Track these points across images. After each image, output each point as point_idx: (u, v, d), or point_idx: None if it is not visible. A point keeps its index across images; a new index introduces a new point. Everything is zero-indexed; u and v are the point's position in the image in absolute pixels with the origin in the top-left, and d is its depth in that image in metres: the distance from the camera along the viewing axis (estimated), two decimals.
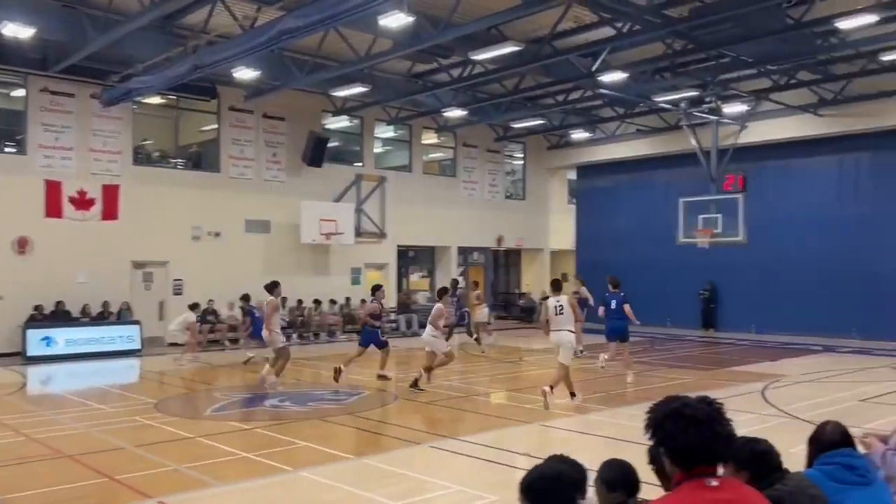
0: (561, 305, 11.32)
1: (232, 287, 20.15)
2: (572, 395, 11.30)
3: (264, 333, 13.32)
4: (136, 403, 11.71)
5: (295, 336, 21.09)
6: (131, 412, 10.92)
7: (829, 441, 3.77)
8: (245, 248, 21.07)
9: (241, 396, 12.37)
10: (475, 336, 18.88)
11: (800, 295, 22.15)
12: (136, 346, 18.39)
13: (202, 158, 21.32)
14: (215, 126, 21.17)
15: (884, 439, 4.38)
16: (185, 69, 15.12)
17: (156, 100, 19.96)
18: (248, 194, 21.31)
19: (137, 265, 19.71)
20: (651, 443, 2.60)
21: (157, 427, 9.87)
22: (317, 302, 22.03)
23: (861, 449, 4.07)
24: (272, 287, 13.37)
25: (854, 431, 4.93)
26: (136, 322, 18.77)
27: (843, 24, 14.52)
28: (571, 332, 11.32)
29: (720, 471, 2.58)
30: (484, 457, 8.19)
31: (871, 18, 14.05)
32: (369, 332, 13.93)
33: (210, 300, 19.73)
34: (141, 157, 20.09)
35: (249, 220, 21.29)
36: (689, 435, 2.46)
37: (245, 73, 17.02)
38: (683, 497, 2.47)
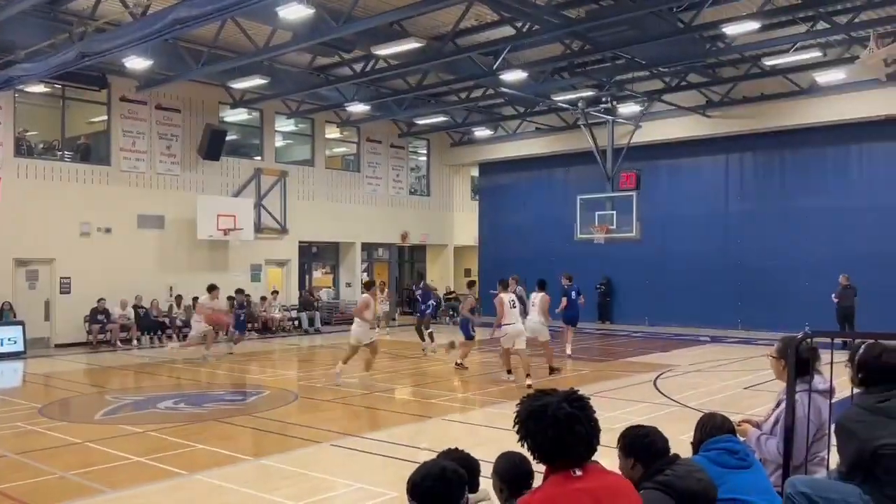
0: (513, 300, 13.06)
1: (124, 285, 19.41)
2: (521, 375, 12.62)
3: (354, 327, 13.19)
4: (18, 408, 11.09)
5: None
6: (13, 418, 10.32)
7: (712, 429, 3.96)
8: (138, 245, 20.24)
9: (134, 399, 11.90)
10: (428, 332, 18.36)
11: (689, 288, 23.20)
12: (20, 348, 17.37)
13: (91, 151, 20.32)
14: (105, 117, 20.22)
15: (757, 425, 4.64)
16: (70, 57, 14.36)
17: (40, 88, 18.86)
18: (140, 188, 20.48)
19: (20, 263, 18.60)
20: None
21: (41, 433, 9.37)
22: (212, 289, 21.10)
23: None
24: (370, 285, 14.53)
25: (735, 418, 5.21)
26: (20, 323, 17.73)
27: (729, 30, 15.28)
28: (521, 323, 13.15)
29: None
30: (386, 453, 8.20)
31: (754, 25, 14.85)
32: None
33: (100, 299, 18.84)
34: (23, 148, 18.96)
35: (142, 215, 20.44)
36: (549, 435, 2.54)
37: (137, 63, 16.30)
38: (549, 490, 2.55)
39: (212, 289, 16.96)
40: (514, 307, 13.04)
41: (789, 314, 21.28)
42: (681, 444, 8.64)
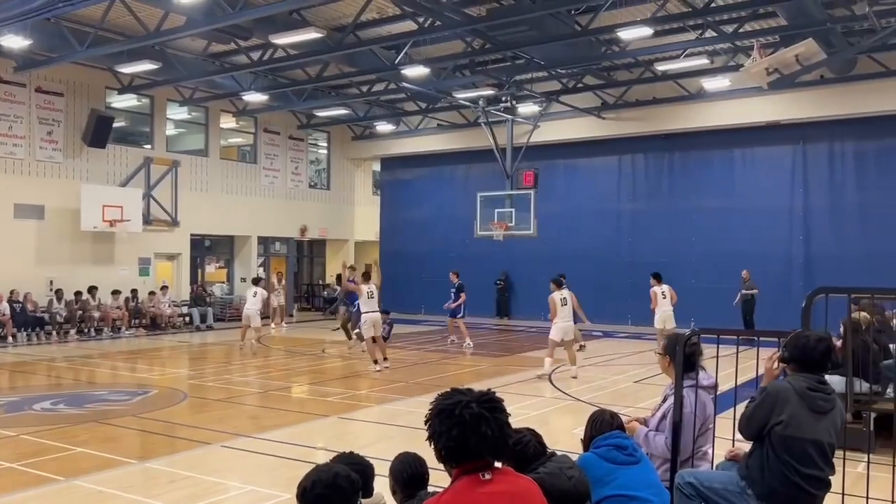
0: (564, 298, 13.63)
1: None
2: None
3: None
4: None
5: (73, 332, 19.38)
6: None
7: (601, 425, 4.03)
8: (15, 236, 18.98)
9: (7, 400, 11.12)
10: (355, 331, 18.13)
11: (583, 284, 23.61)
12: None
13: None
14: None
15: (644, 421, 4.76)
16: None
17: None
18: (17, 176, 19.21)
19: None
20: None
21: None
22: (92, 290, 20.11)
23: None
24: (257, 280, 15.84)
25: (625, 412, 5.34)
26: None
27: (624, 34, 15.79)
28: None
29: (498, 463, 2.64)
30: (280, 454, 7.98)
31: (647, 31, 15.37)
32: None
33: None
34: None
35: (19, 204, 19.18)
36: (455, 435, 2.50)
37: (14, 42, 15.28)
38: (458, 492, 2.51)
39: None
40: (566, 304, 13.58)
41: (676, 310, 22.28)
42: (574, 437, 8.86)
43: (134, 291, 21.18)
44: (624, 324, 22.83)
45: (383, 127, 26.98)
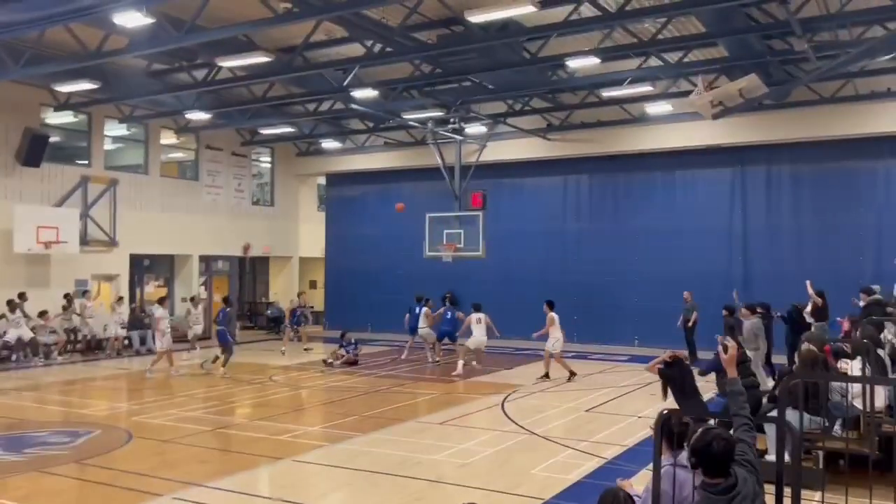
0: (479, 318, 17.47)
1: None
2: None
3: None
4: None
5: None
6: None
7: None
8: None
9: None
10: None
11: (530, 303, 23.83)
12: None
13: None
14: None
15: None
16: None
17: None
18: None
19: None
20: None
21: None
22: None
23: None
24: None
25: (581, 447, 5.32)
26: None
27: (572, 63, 16.01)
28: None
29: None
30: None
31: (595, 61, 15.63)
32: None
33: None
34: None
35: None
36: None
37: None
38: None
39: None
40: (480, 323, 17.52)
41: (620, 328, 22.68)
42: (533, 478, 8.90)
43: (68, 298, 20.24)
44: (569, 341, 23.00)
45: (329, 144, 26.71)
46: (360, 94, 18.29)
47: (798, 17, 13.26)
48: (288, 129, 24.74)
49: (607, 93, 19.18)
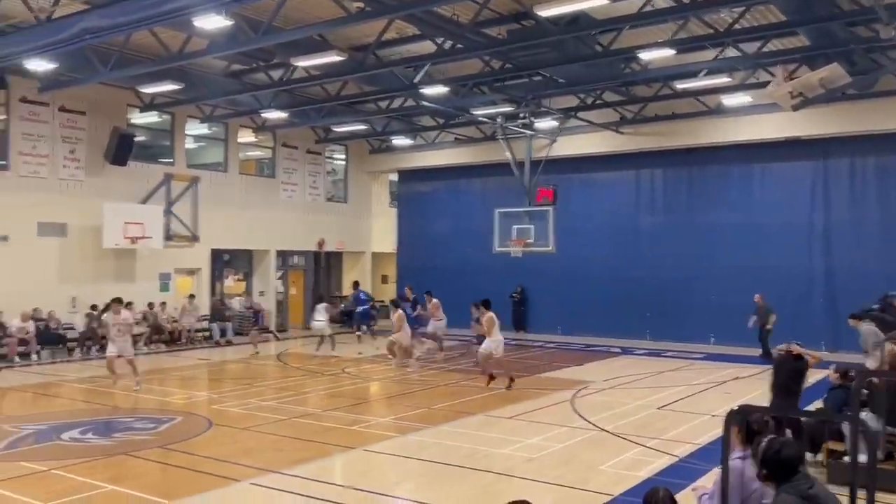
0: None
1: (22, 297, 18.33)
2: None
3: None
4: None
5: (95, 348, 19.52)
6: None
7: None
8: (38, 254, 19.17)
9: (36, 428, 11.23)
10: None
11: (600, 299, 23.79)
12: None
13: None
14: (3, 117, 19.04)
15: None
16: None
17: None
18: (41, 194, 19.38)
19: None
20: None
21: None
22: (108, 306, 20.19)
23: None
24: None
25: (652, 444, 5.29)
26: None
27: (645, 55, 15.79)
28: None
29: None
30: (308, 492, 8.01)
31: (670, 52, 15.34)
32: None
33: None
34: None
35: (43, 222, 19.37)
36: None
37: (39, 65, 15.41)
38: None
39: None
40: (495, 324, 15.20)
41: (694, 326, 22.21)
42: (601, 474, 8.87)
43: (150, 304, 21.22)
44: (642, 339, 22.75)
45: (400, 141, 27.04)
46: (430, 90, 18.47)
47: (885, 2, 12.70)
48: (360, 127, 25.17)
49: (682, 84, 18.78)
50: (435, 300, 19.69)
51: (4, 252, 18.55)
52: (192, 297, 22.36)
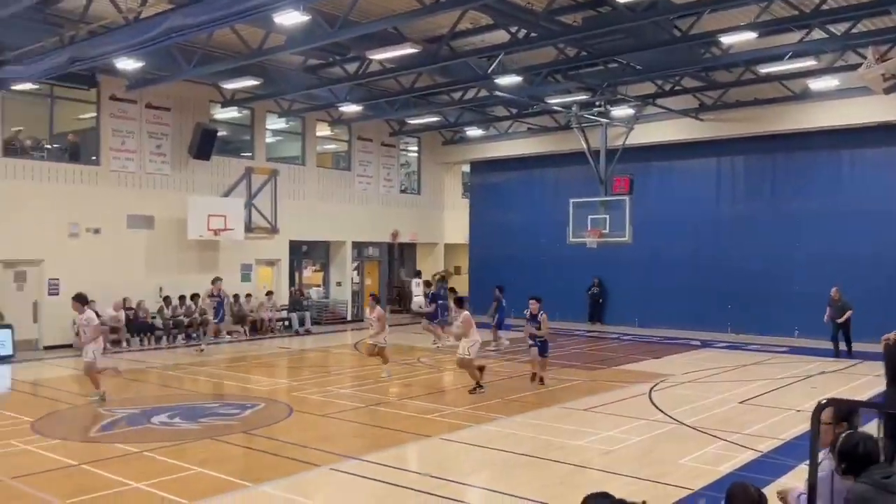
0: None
1: (112, 286, 19.20)
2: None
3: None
4: (10, 423, 10.92)
5: (181, 337, 20.31)
6: (5, 434, 10.17)
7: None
8: (127, 245, 20.04)
9: (127, 412, 11.77)
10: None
11: (679, 291, 23.30)
12: (8, 351, 17.19)
13: (80, 150, 20.03)
14: (94, 115, 19.95)
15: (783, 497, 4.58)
16: (62, 60, 14.13)
17: (28, 86, 18.48)
18: (130, 188, 20.25)
19: (8, 264, 18.39)
20: None
21: (35, 453, 9.24)
22: (195, 296, 21.00)
23: None
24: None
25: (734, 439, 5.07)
26: (8, 326, 17.53)
27: (727, 39, 15.30)
28: None
29: None
30: (386, 479, 8.14)
31: (752, 35, 14.83)
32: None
33: (90, 301, 18.58)
34: (12, 148, 18.63)
35: (132, 215, 20.23)
36: None
37: (128, 64, 16.06)
38: None
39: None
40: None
41: (778, 318, 21.51)
42: (680, 468, 8.69)
43: (236, 297, 21.97)
44: (723, 331, 22.17)
45: (473, 131, 27.05)
46: (504, 80, 18.39)
47: None
48: (434, 119, 25.31)
49: (765, 69, 18.17)
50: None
51: (97, 244, 19.46)
52: (269, 293, 22.94)
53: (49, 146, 19.66)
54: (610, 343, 21.29)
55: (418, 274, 20.45)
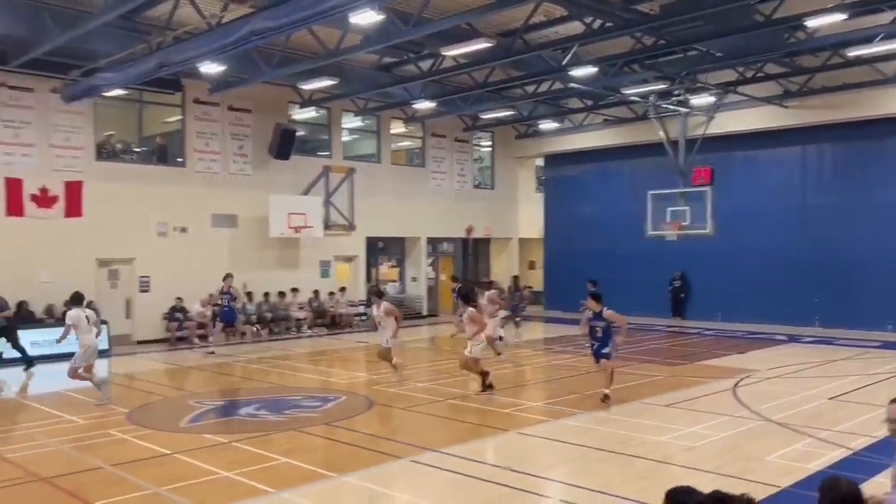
0: None
1: (199, 283, 19.90)
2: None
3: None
4: (107, 413, 11.49)
5: (265, 332, 20.92)
6: (104, 424, 10.71)
7: (835, 499, 3.68)
8: (212, 244, 20.78)
9: (215, 404, 12.22)
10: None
11: (763, 284, 22.58)
12: (104, 346, 18.00)
13: (167, 152, 20.86)
14: (179, 118, 20.74)
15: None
16: (150, 66, 14.74)
17: (118, 92, 19.36)
18: (214, 188, 20.97)
19: (103, 263, 19.31)
20: None
21: (132, 442, 9.71)
22: (282, 294, 21.75)
23: None
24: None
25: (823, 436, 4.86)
26: (103, 321, 18.37)
27: (813, 22, 14.71)
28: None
29: None
30: (466, 472, 8.20)
31: (840, 17, 14.22)
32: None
33: (178, 298, 19.44)
34: (105, 152, 19.58)
35: (216, 214, 20.96)
36: None
37: (211, 68, 16.62)
38: None
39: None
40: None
41: (870, 312, 20.60)
42: (768, 465, 8.45)
43: (315, 292, 22.49)
44: (810, 326, 21.39)
45: (547, 125, 26.85)
46: (578, 72, 18.19)
47: None
48: (507, 113, 25.25)
49: (854, 52, 17.38)
50: (489, 293, 16.90)
51: (184, 242, 20.24)
52: (342, 289, 23.40)
53: (138, 149, 20.58)
54: (691, 338, 20.82)
55: (454, 279, 20.55)
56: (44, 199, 18.05)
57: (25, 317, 17.56)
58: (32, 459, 8.86)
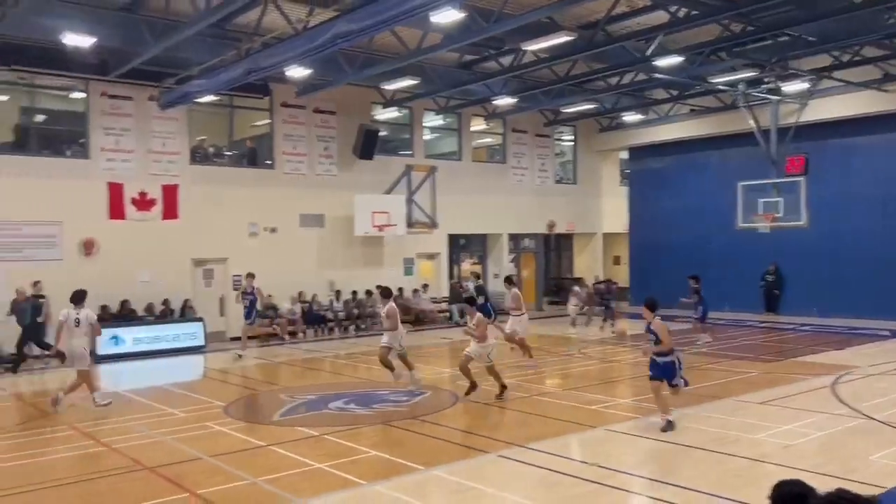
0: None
1: (288, 282, 20.52)
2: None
3: None
4: (205, 407, 11.99)
5: (352, 328, 21.36)
6: (202, 417, 11.19)
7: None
8: (300, 243, 21.36)
9: (306, 398, 12.56)
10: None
11: (864, 277, 21.56)
12: (201, 342, 18.83)
13: (256, 155, 21.55)
14: (268, 121, 21.38)
15: None
16: (239, 72, 15.28)
17: (209, 98, 20.14)
18: (302, 189, 21.54)
19: (198, 263, 20.14)
20: None
21: (229, 434, 10.10)
22: (368, 293, 22.16)
23: None
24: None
25: None
26: (199, 319, 19.21)
27: None
28: None
29: None
30: (554, 468, 8.17)
31: None
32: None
33: (269, 295, 20.05)
34: (198, 156, 20.40)
35: (304, 214, 21.53)
36: None
37: (297, 72, 17.10)
38: None
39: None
40: None
41: None
42: (871, 465, 8.11)
43: (400, 290, 22.80)
44: None
45: (631, 117, 26.37)
46: (663, 62, 17.80)
47: None
48: (589, 106, 24.92)
49: None
50: (514, 290, 15.83)
51: (273, 242, 20.88)
52: (425, 286, 23.68)
53: (229, 153, 21.36)
54: (786, 334, 20.09)
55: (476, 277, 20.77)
56: (143, 203, 18.97)
57: (127, 315, 18.50)
58: (137, 450, 9.33)
